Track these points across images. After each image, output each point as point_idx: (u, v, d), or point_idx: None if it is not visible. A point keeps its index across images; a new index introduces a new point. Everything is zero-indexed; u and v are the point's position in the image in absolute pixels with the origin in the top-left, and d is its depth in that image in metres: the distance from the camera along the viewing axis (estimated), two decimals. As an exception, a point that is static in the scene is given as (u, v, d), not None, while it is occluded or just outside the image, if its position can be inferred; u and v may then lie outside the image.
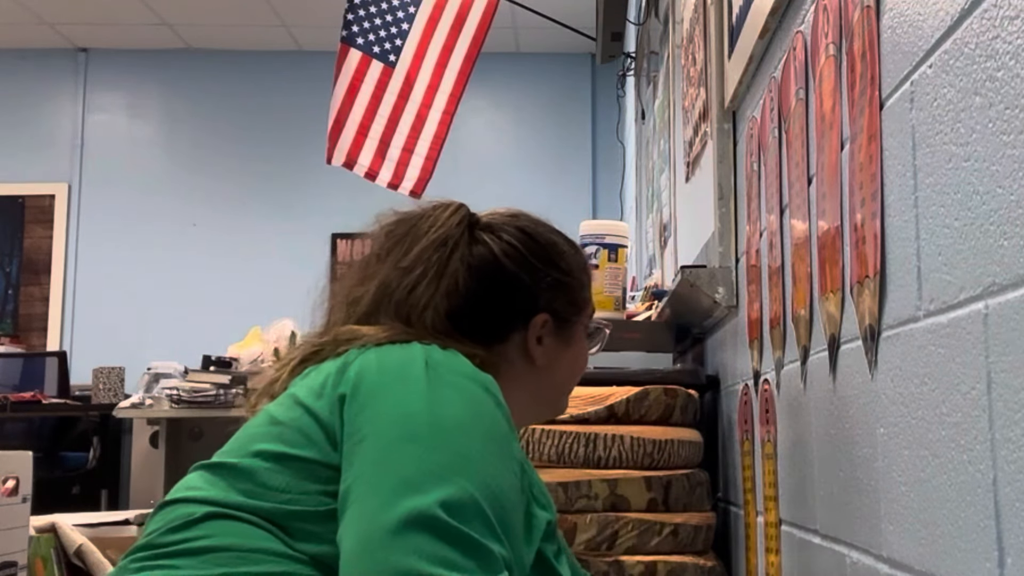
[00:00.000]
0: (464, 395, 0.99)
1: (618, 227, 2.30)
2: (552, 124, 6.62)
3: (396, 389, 0.99)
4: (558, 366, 1.21)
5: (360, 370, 1.01)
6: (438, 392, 0.98)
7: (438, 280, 1.14)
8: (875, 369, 1.00)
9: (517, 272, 1.17)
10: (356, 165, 3.81)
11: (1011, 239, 0.70)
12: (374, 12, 3.85)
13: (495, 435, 0.98)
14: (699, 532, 1.72)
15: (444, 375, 1.00)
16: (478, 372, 1.03)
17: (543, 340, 1.18)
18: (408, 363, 1.01)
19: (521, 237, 1.20)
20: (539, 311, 1.18)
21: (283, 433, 0.99)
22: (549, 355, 1.19)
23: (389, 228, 1.23)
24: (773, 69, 1.49)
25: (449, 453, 0.93)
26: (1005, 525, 0.71)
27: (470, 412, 0.98)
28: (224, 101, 6.64)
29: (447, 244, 1.16)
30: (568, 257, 1.24)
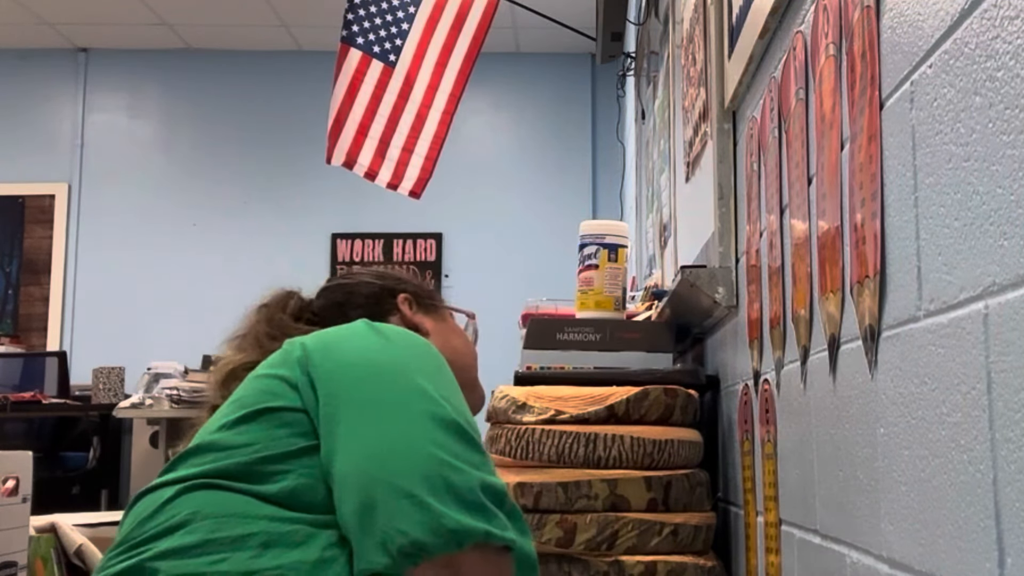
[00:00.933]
0: (408, 339, 1.10)
1: (618, 227, 2.30)
2: (552, 124, 6.62)
3: (345, 340, 1.08)
4: (447, 334, 1.40)
5: (309, 340, 1.08)
6: (385, 336, 1.08)
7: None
8: (875, 369, 1.00)
9: (366, 279, 1.44)
10: (356, 165, 3.81)
11: (1011, 239, 0.70)
12: (374, 12, 3.85)
13: (447, 370, 1.08)
14: (699, 532, 1.72)
15: (383, 328, 1.11)
16: (414, 334, 1.15)
17: (414, 308, 1.40)
18: (349, 327, 1.12)
19: (359, 268, 1.52)
20: (399, 292, 1.41)
21: (244, 400, 1.04)
22: (432, 324, 1.39)
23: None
24: (773, 69, 1.49)
25: (428, 378, 1.01)
26: (1005, 525, 0.71)
27: (421, 350, 1.08)
28: (224, 101, 6.64)
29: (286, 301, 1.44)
30: (405, 274, 1.50)
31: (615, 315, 2.22)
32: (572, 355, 2.10)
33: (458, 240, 6.49)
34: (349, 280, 1.45)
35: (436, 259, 6.48)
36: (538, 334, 2.13)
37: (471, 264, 6.45)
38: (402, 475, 0.91)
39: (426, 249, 6.50)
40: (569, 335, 2.12)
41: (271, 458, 0.97)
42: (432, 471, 0.91)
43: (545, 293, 2.78)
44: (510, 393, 1.82)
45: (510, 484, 1.73)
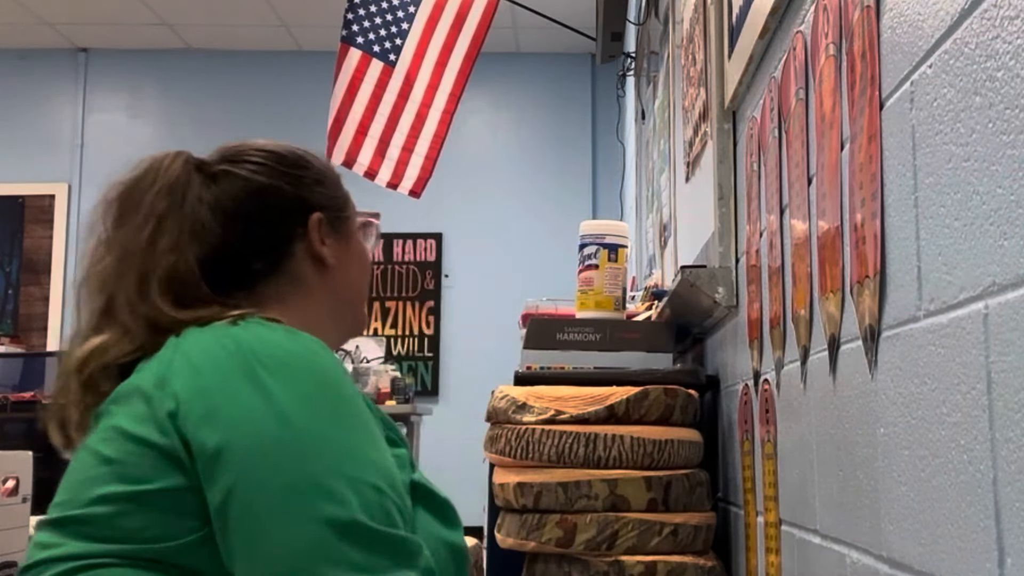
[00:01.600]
0: (292, 371, 0.95)
1: (618, 227, 2.30)
2: (552, 124, 6.62)
3: (226, 403, 0.92)
4: (348, 264, 1.20)
5: (180, 383, 0.94)
6: (268, 384, 0.93)
7: (184, 234, 1.09)
8: (875, 369, 1.00)
9: (276, 183, 1.15)
10: (356, 164, 3.81)
11: (1011, 239, 0.70)
12: (374, 11, 3.85)
13: (345, 400, 0.96)
14: (699, 532, 1.72)
15: (260, 358, 0.95)
16: (291, 336, 0.99)
17: (325, 240, 1.17)
18: (222, 362, 0.95)
19: (265, 154, 1.17)
20: (312, 210, 1.16)
21: (122, 471, 0.92)
22: (337, 254, 1.18)
23: (114, 197, 1.15)
24: (773, 69, 1.49)
25: (326, 448, 0.91)
26: (1005, 525, 0.71)
27: (311, 388, 0.95)
28: (224, 101, 6.64)
29: (175, 191, 1.11)
30: (313, 159, 1.22)
31: (615, 315, 2.22)
32: (572, 355, 2.10)
33: (458, 240, 6.49)
34: (256, 174, 1.15)
35: (436, 259, 6.48)
36: (538, 334, 2.13)
37: (471, 264, 6.45)
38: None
39: (426, 249, 6.50)
40: (569, 335, 2.12)
41: (177, 550, 0.90)
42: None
43: (545, 293, 2.79)
44: (510, 393, 1.82)
45: (510, 484, 1.73)
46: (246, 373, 0.93)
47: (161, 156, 1.16)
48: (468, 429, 4.44)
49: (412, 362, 6.35)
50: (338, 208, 1.20)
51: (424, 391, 6.25)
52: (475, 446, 2.01)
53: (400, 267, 6.48)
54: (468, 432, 4.32)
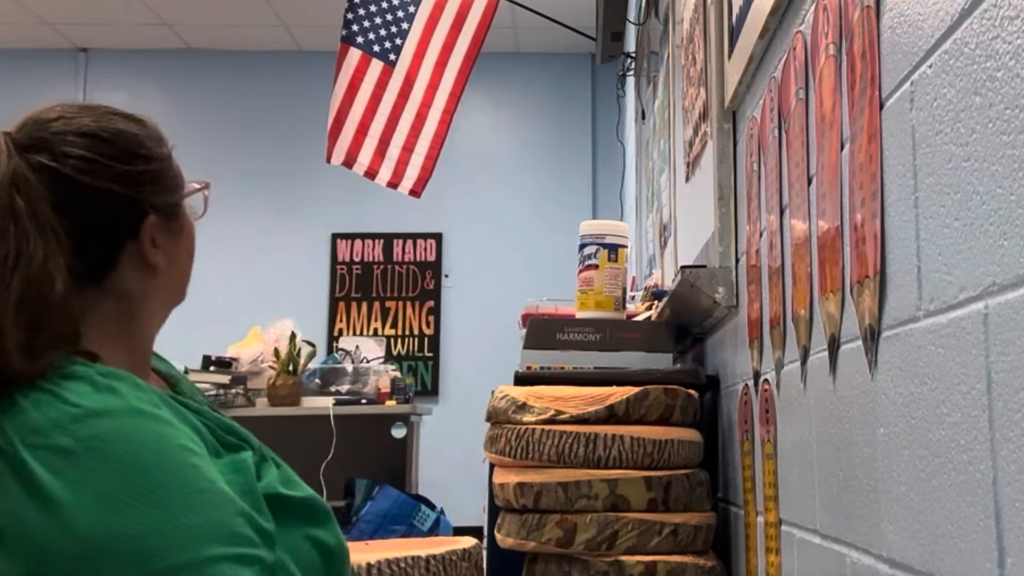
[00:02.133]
0: (88, 460, 0.81)
1: (618, 227, 2.30)
2: (552, 124, 6.62)
3: (16, 524, 0.79)
4: (177, 260, 1.05)
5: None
6: (61, 486, 0.80)
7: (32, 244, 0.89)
8: (875, 369, 1.00)
9: (106, 185, 0.96)
10: (356, 164, 3.81)
11: (1011, 239, 0.70)
12: (374, 11, 3.85)
13: (153, 462, 0.83)
14: (699, 532, 1.72)
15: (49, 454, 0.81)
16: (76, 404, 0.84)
17: (156, 241, 1.01)
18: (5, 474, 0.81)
19: (88, 143, 0.97)
20: (145, 214, 0.99)
21: None
22: (168, 254, 1.02)
23: None
24: (773, 69, 1.49)
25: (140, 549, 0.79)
26: (1005, 525, 0.71)
27: (111, 478, 0.81)
28: (224, 101, 6.64)
29: (15, 187, 0.91)
30: (144, 140, 1.02)
31: (615, 315, 2.22)
32: (572, 355, 2.10)
33: (458, 240, 6.49)
34: (82, 172, 0.95)
35: (436, 259, 6.48)
36: (538, 334, 2.13)
37: (471, 264, 6.45)
38: None
39: (426, 249, 6.49)
40: (569, 335, 2.12)
41: None
42: None
43: (545, 293, 2.79)
44: (510, 393, 1.82)
45: (510, 484, 1.73)
46: (27, 484, 0.80)
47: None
48: (468, 429, 4.44)
49: (412, 362, 6.35)
50: (172, 199, 1.04)
51: (424, 391, 6.25)
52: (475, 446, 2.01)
53: (400, 267, 6.48)
54: (468, 432, 4.32)
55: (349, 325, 6.40)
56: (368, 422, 4.24)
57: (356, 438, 4.15)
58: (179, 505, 0.83)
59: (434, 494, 4.49)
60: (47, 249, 0.90)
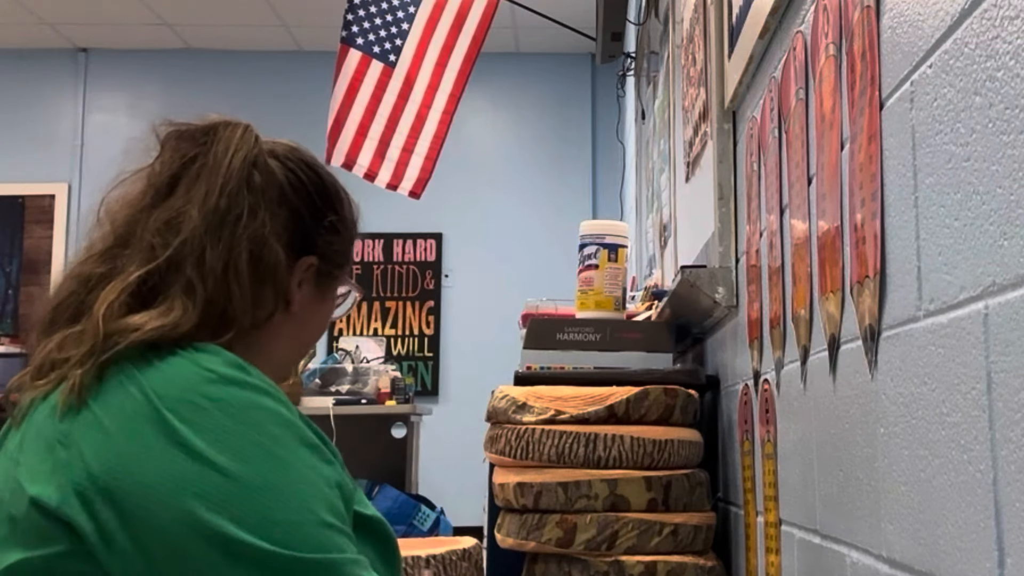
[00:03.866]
0: (219, 416, 0.87)
1: (618, 227, 2.30)
2: (552, 124, 6.62)
3: (153, 461, 0.85)
4: (310, 319, 1.11)
5: (91, 449, 0.86)
6: (187, 437, 0.86)
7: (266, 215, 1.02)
8: (875, 369, 1.00)
9: (298, 205, 1.07)
10: (355, 166, 3.81)
11: (1011, 239, 0.70)
12: (374, 12, 3.85)
13: (275, 431, 0.90)
14: (699, 532, 1.72)
15: (179, 409, 0.87)
16: (211, 371, 0.91)
17: (303, 285, 1.08)
18: (134, 417, 0.87)
19: (306, 169, 1.11)
20: (309, 252, 1.08)
21: (21, 536, 0.86)
22: (304, 304, 1.09)
23: (175, 145, 1.06)
24: (773, 69, 1.49)
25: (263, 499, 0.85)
26: (1005, 525, 0.71)
27: (239, 433, 0.87)
28: (224, 101, 6.63)
29: (256, 166, 1.04)
30: (346, 205, 1.16)
31: (615, 315, 2.22)
32: (572, 355, 2.10)
33: (458, 240, 6.49)
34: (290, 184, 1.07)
35: (436, 259, 6.48)
36: (538, 334, 2.13)
37: (471, 264, 6.45)
38: None
39: (426, 249, 6.49)
40: (569, 335, 2.12)
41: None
42: None
43: (545, 293, 2.79)
44: (510, 393, 1.82)
45: (510, 484, 1.73)
46: (159, 428, 0.86)
47: (232, 124, 1.09)
48: (468, 429, 4.44)
49: (412, 362, 6.35)
50: (334, 265, 1.13)
51: (424, 391, 6.25)
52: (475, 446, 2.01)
53: (400, 267, 6.48)
54: (468, 432, 4.32)
55: (349, 325, 6.40)
56: (368, 422, 4.24)
57: (356, 438, 4.15)
58: (298, 471, 0.89)
59: (434, 494, 4.49)
60: (272, 223, 1.02)
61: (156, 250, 0.98)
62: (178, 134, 1.08)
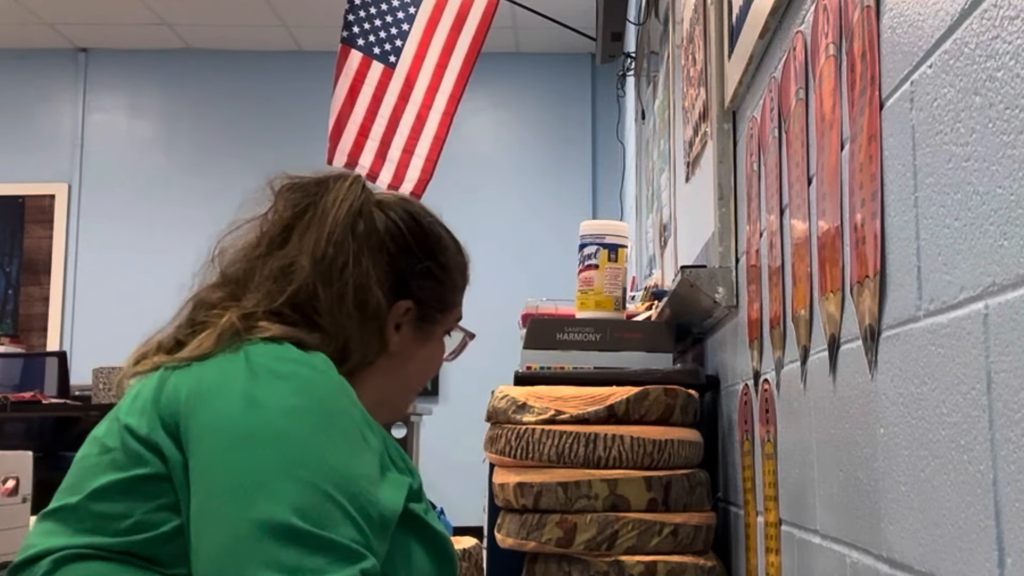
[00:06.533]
0: (289, 382, 0.98)
1: (618, 227, 2.30)
2: (552, 124, 6.62)
3: (215, 398, 0.97)
4: (410, 361, 1.20)
5: (177, 384, 0.99)
6: (259, 387, 0.97)
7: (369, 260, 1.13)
8: (875, 369, 1.00)
9: (396, 252, 1.17)
10: (357, 167, 3.81)
11: (1011, 239, 0.70)
12: (374, 12, 3.85)
13: (332, 412, 0.98)
14: (699, 532, 1.72)
15: (264, 367, 0.99)
16: (304, 354, 1.02)
17: (401, 328, 1.17)
18: (227, 368, 1.00)
19: (407, 218, 1.20)
20: (405, 296, 1.17)
21: (115, 460, 0.97)
22: (404, 345, 1.18)
23: (288, 197, 1.19)
24: (773, 69, 1.49)
25: (286, 448, 0.92)
26: (1005, 525, 0.71)
27: (298, 398, 0.97)
28: (224, 101, 6.64)
29: (362, 215, 1.15)
30: (449, 253, 1.24)
31: (615, 315, 2.22)
32: (572, 355, 2.10)
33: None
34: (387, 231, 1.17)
35: (436, 259, 6.48)
36: (538, 334, 2.13)
37: (471, 264, 6.45)
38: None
39: (426, 249, 6.49)
40: (569, 335, 2.12)
41: (156, 540, 0.93)
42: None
43: (545, 293, 2.78)
44: (510, 393, 1.82)
45: (510, 484, 1.73)
46: (241, 381, 0.97)
47: (343, 176, 1.20)
48: (468, 429, 4.44)
49: (412, 362, 6.35)
50: (435, 310, 1.21)
51: (424, 391, 6.24)
52: (475, 446, 2.01)
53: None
54: (468, 432, 4.32)
55: (349, 325, 6.39)
56: (368, 422, 4.23)
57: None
58: (333, 449, 0.95)
59: (434, 494, 4.48)
60: (375, 270, 1.12)
61: (273, 295, 1.10)
62: (291, 186, 1.20)
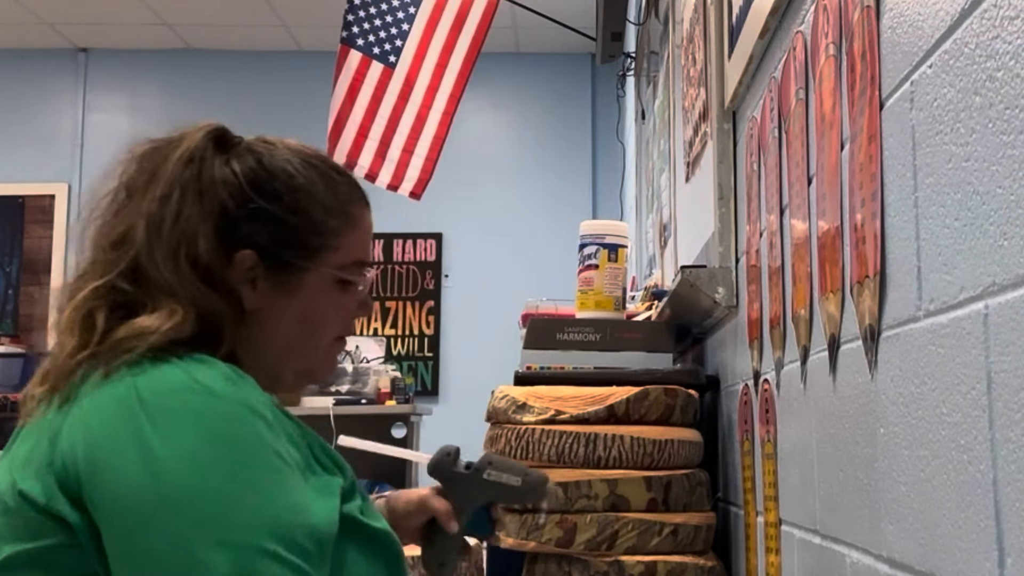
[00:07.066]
0: (186, 420, 0.89)
1: (618, 227, 2.30)
2: (552, 124, 6.62)
3: (112, 458, 0.88)
4: (284, 317, 1.05)
5: (71, 440, 0.90)
6: (156, 437, 0.87)
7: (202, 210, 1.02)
8: (875, 369, 1.00)
9: (225, 197, 1.04)
10: (356, 167, 3.81)
11: (1011, 239, 0.70)
12: (374, 12, 3.85)
13: (240, 445, 0.90)
14: (699, 532, 1.72)
15: (156, 407, 0.89)
16: (194, 374, 0.92)
17: (257, 283, 1.04)
18: (117, 415, 0.90)
19: (251, 162, 1.08)
20: (242, 246, 1.03)
21: (16, 528, 0.89)
22: (266, 300, 1.04)
23: (140, 163, 1.08)
24: (773, 69, 1.49)
25: (203, 510, 0.86)
26: (1005, 525, 0.71)
27: (200, 441, 0.88)
28: (224, 101, 6.63)
29: (193, 161, 1.05)
30: (302, 192, 1.06)
31: (615, 315, 2.22)
32: (572, 355, 2.10)
33: (458, 240, 6.49)
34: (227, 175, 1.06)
35: (436, 259, 6.48)
36: (538, 334, 2.13)
37: (471, 264, 6.45)
38: None
39: (426, 249, 6.49)
40: (569, 335, 2.12)
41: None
42: None
43: (545, 293, 2.78)
44: (510, 393, 1.82)
45: (510, 484, 1.73)
46: (130, 426, 0.89)
47: (197, 126, 1.13)
48: (468, 429, 4.43)
49: (412, 362, 6.35)
50: (291, 255, 1.05)
51: (424, 391, 6.25)
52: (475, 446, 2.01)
53: (400, 267, 6.48)
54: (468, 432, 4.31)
55: (349, 325, 6.39)
56: (368, 422, 4.24)
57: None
58: (252, 492, 0.88)
59: (434, 494, 4.47)
60: (203, 224, 1.01)
61: (111, 265, 1.02)
62: (149, 150, 1.10)
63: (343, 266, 1.09)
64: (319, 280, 1.07)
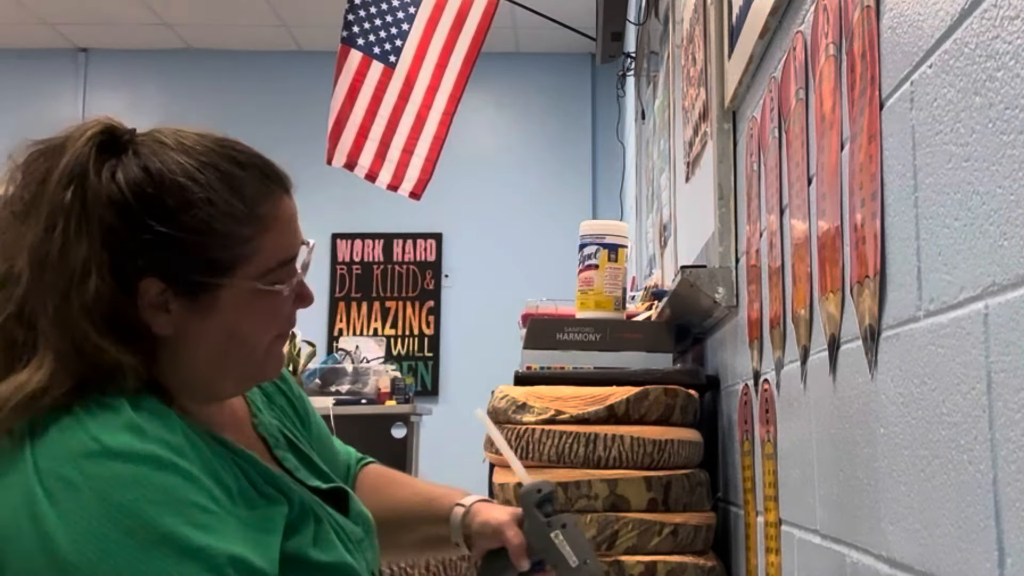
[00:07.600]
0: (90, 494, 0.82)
1: (618, 227, 2.30)
2: (552, 124, 6.62)
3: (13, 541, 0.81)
4: (202, 337, 0.94)
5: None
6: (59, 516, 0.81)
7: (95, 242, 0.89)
8: (875, 369, 1.00)
9: (113, 223, 0.90)
10: (356, 167, 3.81)
11: (1011, 239, 0.70)
12: (374, 12, 3.85)
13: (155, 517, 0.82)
14: (699, 532, 1.72)
15: (57, 478, 0.82)
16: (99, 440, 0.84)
17: (170, 308, 0.92)
18: (15, 489, 0.83)
19: (140, 176, 0.93)
20: (141, 276, 0.91)
21: None
22: (180, 324, 0.93)
23: (26, 172, 0.94)
24: (773, 69, 1.49)
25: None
26: (1005, 525, 0.71)
27: (106, 517, 0.81)
28: (224, 101, 6.64)
29: (74, 181, 0.91)
30: (199, 208, 0.92)
31: (615, 315, 2.22)
32: (572, 355, 2.10)
33: (458, 240, 6.49)
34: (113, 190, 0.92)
35: (436, 259, 6.48)
36: (538, 334, 2.13)
37: (471, 264, 6.45)
38: None
39: (426, 249, 6.49)
40: (569, 335, 2.12)
41: None
42: None
43: (545, 293, 2.78)
44: (510, 393, 1.82)
45: (510, 484, 1.73)
46: (29, 505, 0.81)
47: (83, 126, 0.97)
48: (468, 429, 4.43)
49: (412, 362, 6.35)
50: (202, 275, 0.93)
51: (424, 391, 6.25)
52: (475, 446, 2.01)
53: (400, 267, 6.48)
54: (468, 432, 4.31)
55: (349, 325, 6.40)
56: (368, 422, 4.24)
57: (356, 438, 4.13)
58: (166, 560, 0.82)
59: (434, 494, 4.47)
60: (93, 253, 0.89)
61: (5, 306, 0.89)
62: (34, 155, 0.96)
63: (264, 272, 0.96)
64: (239, 294, 0.95)
